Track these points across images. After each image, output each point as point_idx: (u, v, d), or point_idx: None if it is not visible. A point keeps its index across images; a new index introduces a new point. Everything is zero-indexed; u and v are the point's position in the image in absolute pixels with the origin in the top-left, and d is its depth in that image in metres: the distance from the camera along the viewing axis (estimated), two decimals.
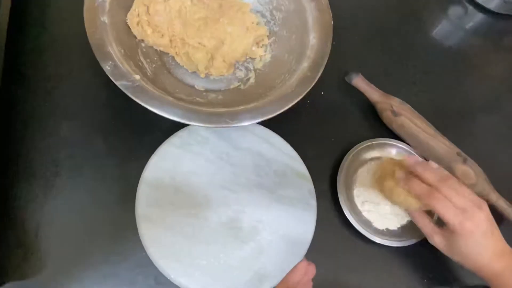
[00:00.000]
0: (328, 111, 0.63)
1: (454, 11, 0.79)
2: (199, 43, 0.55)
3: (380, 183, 0.54)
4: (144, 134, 0.55)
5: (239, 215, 0.52)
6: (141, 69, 0.53)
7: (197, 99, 0.56)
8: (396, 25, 0.74)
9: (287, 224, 0.53)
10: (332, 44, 0.56)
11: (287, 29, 0.60)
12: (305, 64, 0.55)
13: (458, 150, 0.59)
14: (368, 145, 0.59)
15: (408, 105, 0.61)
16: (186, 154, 0.53)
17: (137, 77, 0.49)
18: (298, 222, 0.53)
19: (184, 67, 0.58)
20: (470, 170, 0.58)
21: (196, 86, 0.58)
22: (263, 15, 0.63)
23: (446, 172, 0.51)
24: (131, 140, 0.54)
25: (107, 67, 0.48)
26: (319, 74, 0.54)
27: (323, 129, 0.61)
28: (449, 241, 0.48)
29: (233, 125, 0.50)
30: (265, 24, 0.62)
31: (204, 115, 0.50)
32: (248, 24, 0.57)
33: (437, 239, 0.49)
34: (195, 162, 0.53)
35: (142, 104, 0.47)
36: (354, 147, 0.59)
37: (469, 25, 0.78)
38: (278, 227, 0.52)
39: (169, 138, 0.53)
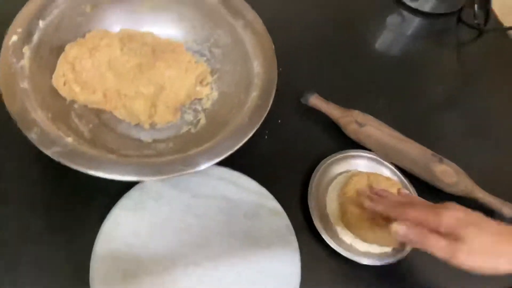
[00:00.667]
0: (289, 138, 0.59)
1: (392, 20, 0.79)
2: (136, 92, 0.51)
3: (346, 222, 0.52)
4: (89, 202, 0.48)
5: (213, 272, 0.45)
6: (76, 132, 0.47)
7: (145, 152, 0.51)
8: (341, 41, 0.73)
9: (270, 269, 0.46)
10: (280, 70, 0.54)
11: (229, 62, 0.57)
12: (254, 94, 0.51)
13: (430, 151, 0.56)
14: (332, 161, 0.55)
15: (370, 116, 0.58)
16: (141, 215, 0.47)
17: (70, 139, 0.43)
18: (281, 264, 0.47)
19: (126, 120, 0.53)
20: (449, 168, 0.54)
21: (142, 139, 0.53)
22: (202, 54, 0.59)
23: (410, 198, 0.49)
24: (75, 213, 0.48)
25: (32, 136, 0.42)
26: (271, 101, 0.50)
27: (288, 158, 0.57)
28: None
29: (188, 172, 0.45)
30: (205, 62, 0.59)
31: (153, 166, 0.45)
32: (186, 64, 0.53)
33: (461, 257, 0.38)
34: (153, 222, 0.47)
35: (78, 168, 0.41)
36: (317, 167, 0.54)
37: (410, 30, 0.79)
38: (260, 276, 0.46)
39: (119, 201, 0.47)
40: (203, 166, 0.45)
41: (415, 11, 0.80)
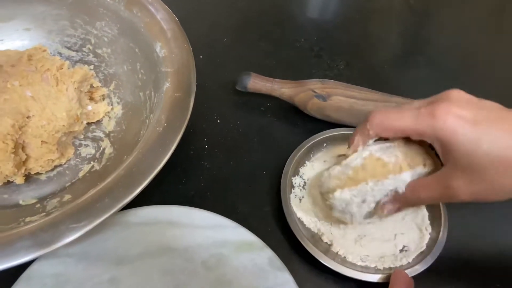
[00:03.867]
0: (238, 141, 0.42)
1: None
2: None
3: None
4: None
5: None
6: None
7: (28, 219, 0.33)
8: (267, 11, 0.59)
9: None
10: (201, 57, 0.38)
11: (124, 60, 0.41)
12: (167, 85, 0.34)
13: (420, 100, 0.42)
14: (301, 155, 0.39)
15: (332, 81, 0.44)
16: None
17: None
18: None
19: None
20: None
21: (21, 202, 0.35)
22: (87, 62, 0.43)
23: None
24: None
25: None
26: (194, 89, 0.34)
27: (245, 167, 0.40)
28: (454, 174, 0.27)
29: (89, 227, 0.27)
30: (94, 72, 0.42)
31: (29, 237, 0.27)
32: (55, 73, 0.36)
33: (460, 189, 0.27)
34: None
35: None
36: (285, 167, 0.38)
37: None
38: None
39: None
40: (107, 213, 0.28)
41: None
